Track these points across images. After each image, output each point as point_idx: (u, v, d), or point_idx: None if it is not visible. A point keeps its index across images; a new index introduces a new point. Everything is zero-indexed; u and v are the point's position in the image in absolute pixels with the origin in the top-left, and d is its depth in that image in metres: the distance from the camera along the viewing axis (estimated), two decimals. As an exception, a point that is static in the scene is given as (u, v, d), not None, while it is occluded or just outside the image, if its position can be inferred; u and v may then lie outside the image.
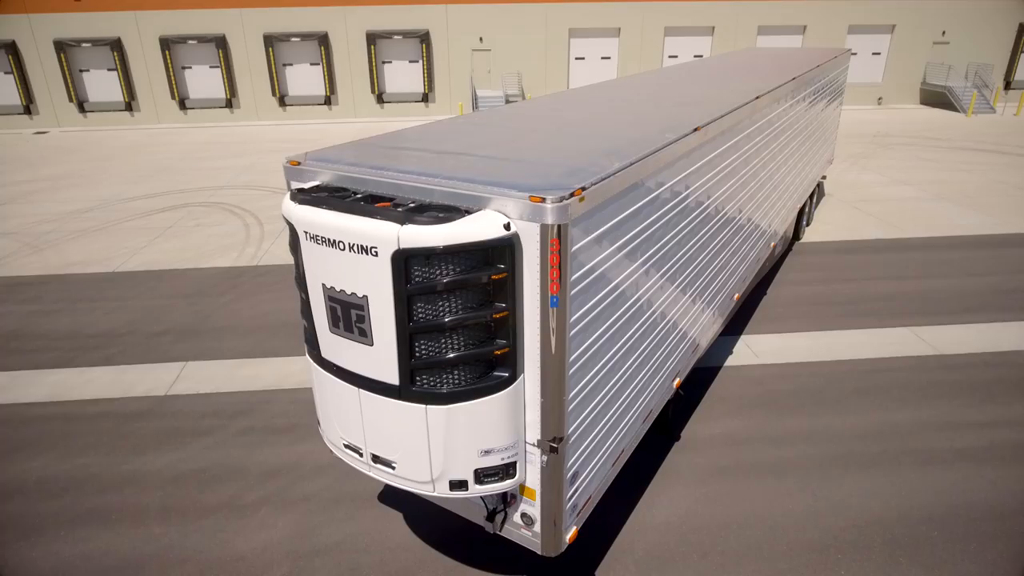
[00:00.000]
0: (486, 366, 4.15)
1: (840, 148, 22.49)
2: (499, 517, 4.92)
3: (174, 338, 10.55)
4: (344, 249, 3.95)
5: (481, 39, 30.67)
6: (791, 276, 12.64)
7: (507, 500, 4.82)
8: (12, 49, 28.78)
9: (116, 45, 29.20)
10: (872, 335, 10.35)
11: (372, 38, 30.07)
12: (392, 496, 7.02)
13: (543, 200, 3.75)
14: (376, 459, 4.61)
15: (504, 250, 3.85)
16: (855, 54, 30.50)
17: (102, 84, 30.11)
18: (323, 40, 29.95)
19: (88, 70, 29.91)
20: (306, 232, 4.16)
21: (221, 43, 29.69)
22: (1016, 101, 32.05)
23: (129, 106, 30.45)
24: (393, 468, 4.55)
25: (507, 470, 4.45)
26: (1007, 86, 33.18)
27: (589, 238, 4.15)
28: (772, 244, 10.70)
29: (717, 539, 6.41)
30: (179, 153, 24.80)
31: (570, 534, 4.90)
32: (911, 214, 16.20)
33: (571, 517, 4.87)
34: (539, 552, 4.86)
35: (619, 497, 6.91)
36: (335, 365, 4.50)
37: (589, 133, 5.61)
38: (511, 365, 4.17)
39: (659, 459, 7.55)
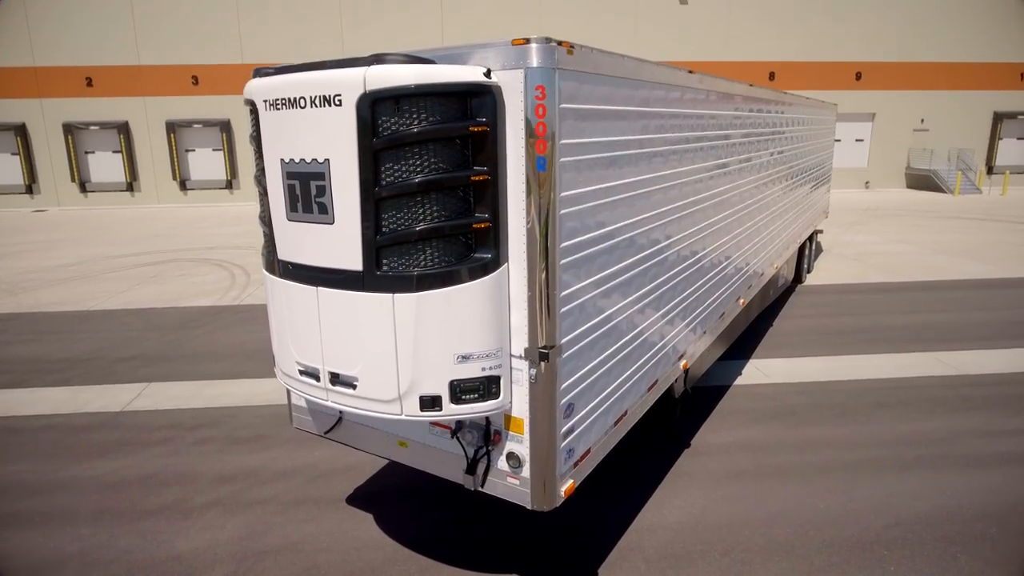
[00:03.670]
0: (464, 246, 3.57)
1: (833, 217, 22.66)
2: (481, 467, 4.13)
3: (141, 363, 9.81)
4: (305, 106, 3.50)
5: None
6: (796, 311, 12.11)
7: (490, 438, 4.05)
8: (21, 131, 29.62)
9: (123, 128, 30.11)
10: (889, 358, 9.68)
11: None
12: (362, 498, 6.13)
13: (527, 41, 3.36)
14: (335, 379, 3.90)
15: (484, 100, 3.40)
16: (839, 140, 31.59)
17: (105, 165, 30.76)
18: (325, 125, 30.92)
19: (93, 152, 30.66)
20: (266, 101, 3.72)
21: (225, 127, 30.65)
22: (999, 184, 32.85)
23: (130, 186, 30.95)
24: (354, 388, 3.83)
25: (489, 386, 3.74)
26: (989, 171, 34.13)
27: (580, 106, 3.72)
28: (775, 265, 10.27)
29: (740, 537, 5.48)
30: (175, 224, 24.84)
31: (566, 486, 4.09)
32: (912, 264, 15.91)
33: (567, 463, 4.08)
34: (528, 506, 4.02)
35: (622, 497, 6.03)
36: (292, 265, 3.91)
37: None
38: (493, 246, 3.59)
39: (668, 464, 6.69)
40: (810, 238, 14.33)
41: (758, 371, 9.29)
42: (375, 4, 30.25)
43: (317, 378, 4.00)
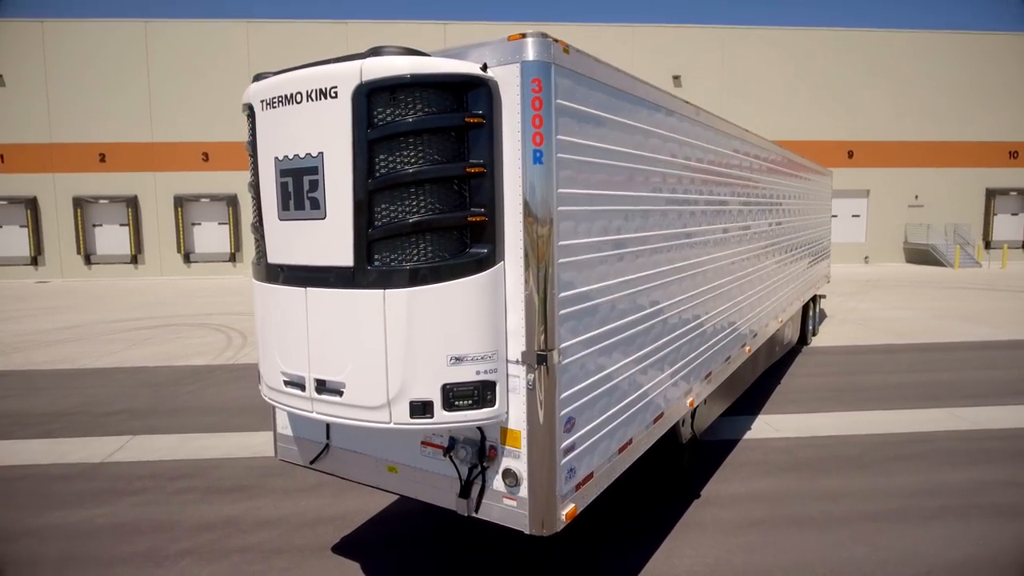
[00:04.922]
0: (459, 241, 3.44)
1: (835, 287, 22.66)
2: (476, 489, 3.82)
3: (127, 416, 9.47)
4: (301, 101, 3.48)
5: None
6: (803, 370, 11.82)
7: (485, 454, 3.77)
8: (32, 204, 30.23)
9: (132, 202, 30.74)
10: (903, 414, 9.33)
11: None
12: (349, 546, 5.71)
13: (523, 36, 3.38)
14: (321, 387, 3.67)
15: (480, 92, 3.38)
16: (835, 216, 32.11)
17: (112, 238, 31.18)
18: (330, 199, 31.59)
19: (101, 224, 31.16)
20: (263, 101, 3.72)
21: (232, 201, 31.30)
22: (998, 259, 33.07)
23: (135, 259, 31.25)
24: (341, 395, 3.60)
25: (483, 392, 3.51)
26: (987, 245, 34.46)
27: (576, 106, 3.69)
28: (779, 319, 10.10)
29: (758, 586, 5.04)
30: (176, 293, 24.87)
31: (567, 510, 3.77)
32: (916, 328, 15.71)
33: (568, 484, 3.78)
34: (526, 530, 3.69)
35: (629, 545, 5.61)
36: (281, 267, 3.78)
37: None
38: (489, 242, 3.46)
39: (677, 513, 6.28)
40: (813, 300, 14.22)
41: (768, 425, 8.93)
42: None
43: (303, 388, 3.77)
